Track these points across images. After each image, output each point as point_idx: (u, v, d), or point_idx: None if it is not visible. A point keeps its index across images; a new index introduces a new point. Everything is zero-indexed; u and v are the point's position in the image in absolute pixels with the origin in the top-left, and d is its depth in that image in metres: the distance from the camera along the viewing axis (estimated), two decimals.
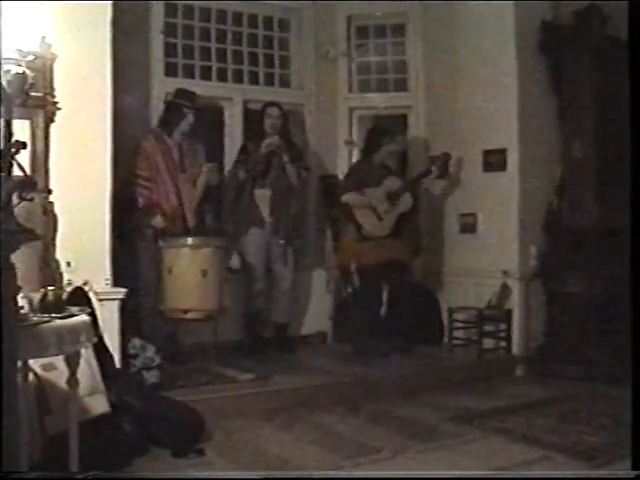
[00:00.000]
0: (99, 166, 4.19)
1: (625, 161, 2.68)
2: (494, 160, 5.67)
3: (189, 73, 5.73)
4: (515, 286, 5.58)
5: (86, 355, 3.32)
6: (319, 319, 6.06)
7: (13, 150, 2.62)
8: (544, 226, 5.65)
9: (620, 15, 3.56)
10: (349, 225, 5.49)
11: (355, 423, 4.21)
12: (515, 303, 5.59)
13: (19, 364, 2.64)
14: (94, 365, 3.53)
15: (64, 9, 4.01)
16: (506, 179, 5.61)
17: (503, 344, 5.60)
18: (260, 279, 5.41)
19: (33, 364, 3.11)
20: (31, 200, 3.19)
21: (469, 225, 5.87)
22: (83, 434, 3.01)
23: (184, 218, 4.99)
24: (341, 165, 6.23)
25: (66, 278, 3.97)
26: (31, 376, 3.12)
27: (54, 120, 4.03)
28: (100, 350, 3.66)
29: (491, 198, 5.70)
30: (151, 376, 4.29)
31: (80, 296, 3.75)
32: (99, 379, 3.53)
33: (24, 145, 2.76)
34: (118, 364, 4.09)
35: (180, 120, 5.04)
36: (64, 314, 2.81)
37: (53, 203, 4.01)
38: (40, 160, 3.96)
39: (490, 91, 5.67)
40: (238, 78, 5.96)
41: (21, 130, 3.52)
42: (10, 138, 2.55)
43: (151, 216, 4.87)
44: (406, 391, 4.80)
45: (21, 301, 2.60)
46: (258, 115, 5.53)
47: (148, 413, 3.69)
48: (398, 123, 6.31)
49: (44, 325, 2.67)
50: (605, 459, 3.57)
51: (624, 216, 2.79)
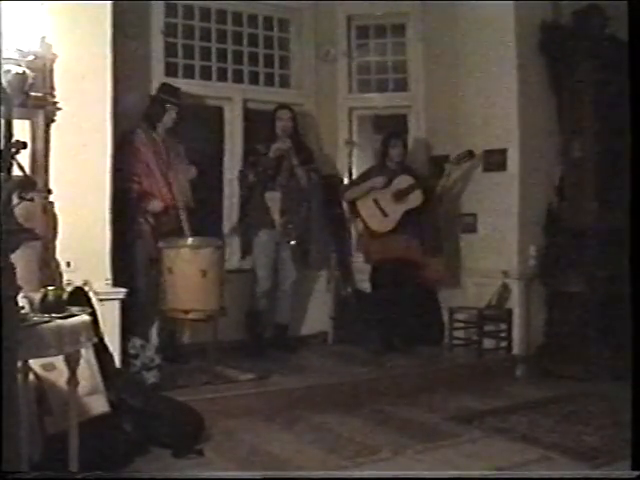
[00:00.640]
0: (99, 166, 4.19)
1: (625, 161, 2.68)
2: (494, 160, 5.67)
3: (189, 73, 5.72)
4: (515, 286, 5.58)
5: (86, 355, 3.33)
6: (320, 319, 6.05)
7: (13, 150, 2.62)
8: (544, 226, 5.65)
9: (620, 15, 3.55)
10: (357, 223, 5.52)
11: (355, 423, 4.21)
12: (515, 303, 5.58)
13: (19, 364, 2.65)
14: (94, 365, 3.54)
15: (64, 9, 4.01)
16: (506, 179, 5.61)
17: (503, 344, 5.59)
18: (267, 280, 5.43)
19: (33, 364, 3.12)
20: (31, 200, 3.20)
21: (469, 225, 5.88)
22: (83, 434, 3.01)
23: (178, 215, 4.91)
24: (341, 165, 6.22)
25: (66, 278, 3.96)
26: (31, 376, 3.12)
27: (54, 120, 4.02)
28: (100, 350, 3.66)
29: (491, 198, 5.70)
30: (151, 376, 4.29)
31: (80, 296, 3.75)
32: (99, 379, 3.54)
33: (24, 145, 2.76)
34: (118, 364, 4.09)
35: (163, 115, 5.00)
36: (64, 314, 2.81)
37: (53, 203, 4.00)
38: (40, 160, 3.95)
39: (490, 91, 5.67)
40: (238, 78, 5.95)
41: (21, 130, 3.52)
42: (10, 138, 2.54)
43: (147, 202, 4.82)
44: (406, 391, 4.80)
45: (21, 301, 2.60)
46: (269, 117, 5.52)
47: (148, 413, 3.69)
48: (399, 123, 6.31)
49: (44, 325, 2.67)
50: (605, 459, 3.57)
51: (624, 216, 2.79)
